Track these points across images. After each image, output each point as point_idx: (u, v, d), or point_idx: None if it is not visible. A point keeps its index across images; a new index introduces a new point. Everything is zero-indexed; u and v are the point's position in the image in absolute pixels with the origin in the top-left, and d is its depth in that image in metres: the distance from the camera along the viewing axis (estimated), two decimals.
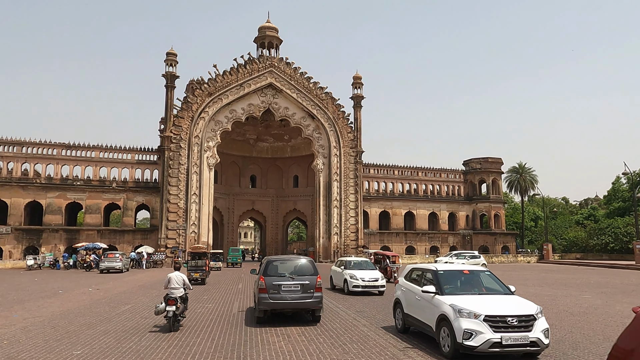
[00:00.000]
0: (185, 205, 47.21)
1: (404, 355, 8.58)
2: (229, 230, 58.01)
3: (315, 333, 10.52)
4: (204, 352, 8.71)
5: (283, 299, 11.22)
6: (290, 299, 11.27)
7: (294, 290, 11.36)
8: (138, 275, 29.66)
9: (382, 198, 60.48)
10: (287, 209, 60.20)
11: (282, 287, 11.29)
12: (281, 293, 11.24)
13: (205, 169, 49.46)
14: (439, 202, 63.51)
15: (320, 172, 54.27)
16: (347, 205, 53.89)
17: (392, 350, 8.90)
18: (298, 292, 11.35)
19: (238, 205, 58.98)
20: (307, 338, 9.95)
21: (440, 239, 63.05)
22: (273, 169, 61.31)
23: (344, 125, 54.97)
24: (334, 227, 53.05)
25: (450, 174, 65.34)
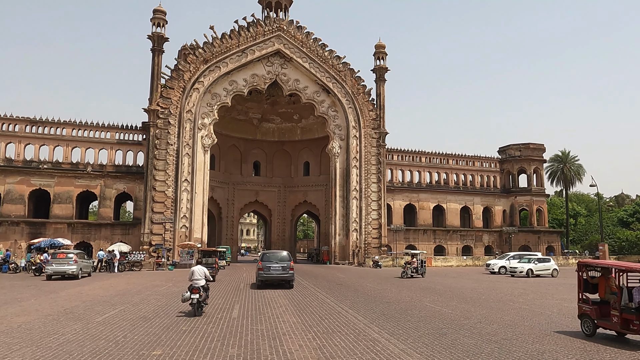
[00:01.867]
0: (174, 194, 39.41)
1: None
2: (228, 225, 50.19)
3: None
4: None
5: (271, 274, 20.17)
6: (276, 274, 20.22)
7: (278, 269, 20.26)
8: (100, 282, 21.90)
9: (407, 189, 52.48)
10: (296, 200, 52.30)
11: (271, 268, 20.22)
12: (270, 271, 20.15)
13: (200, 150, 41.61)
14: (472, 194, 55.47)
15: (337, 157, 46.32)
16: (368, 196, 45.95)
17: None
18: (280, 271, 20.25)
19: (239, 196, 51.13)
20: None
21: (474, 238, 55.04)
22: (280, 154, 53.38)
23: (364, 102, 47.00)
24: (353, 223, 45.14)
25: (485, 162, 57.24)
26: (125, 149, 42.66)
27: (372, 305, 14.23)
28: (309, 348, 8.63)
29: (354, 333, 9.91)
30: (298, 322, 11.48)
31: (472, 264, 44.82)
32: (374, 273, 31.29)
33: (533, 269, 28.46)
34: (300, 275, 28.53)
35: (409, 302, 15.17)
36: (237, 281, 24.00)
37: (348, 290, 18.76)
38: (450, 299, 16.33)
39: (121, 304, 14.25)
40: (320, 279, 25.21)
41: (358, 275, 28.77)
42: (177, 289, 18.80)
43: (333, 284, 22.11)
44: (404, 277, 25.99)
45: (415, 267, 26.44)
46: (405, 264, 26.78)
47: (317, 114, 46.42)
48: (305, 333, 10.00)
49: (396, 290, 19.42)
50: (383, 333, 9.95)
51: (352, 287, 20.48)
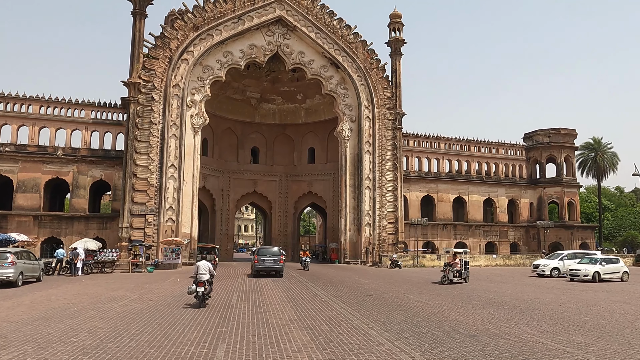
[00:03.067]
0: (158, 182, 33.84)
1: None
2: (222, 219, 44.62)
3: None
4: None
5: (265, 266, 24.68)
6: (268, 265, 24.72)
7: (270, 262, 24.78)
8: (36, 293, 16.07)
9: (424, 179, 46.97)
10: (299, 191, 46.73)
11: (265, 261, 24.77)
12: (264, 263, 24.69)
13: (189, 131, 36.02)
14: (495, 185, 49.98)
15: (347, 141, 40.74)
16: (382, 186, 40.41)
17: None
18: (272, 263, 24.76)
19: (235, 186, 45.55)
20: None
21: (498, 234, 49.60)
22: (281, 139, 47.77)
23: (378, 79, 41.38)
24: (366, 216, 39.62)
25: (510, 149, 51.73)
26: (102, 130, 37.05)
27: (455, 345, 8.59)
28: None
29: None
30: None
31: (502, 264, 39.37)
32: (400, 276, 25.84)
33: (600, 272, 22.95)
34: (311, 279, 23.06)
35: (505, 333, 9.59)
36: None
37: (390, 309, 13.16)
38: (557, 324, 10.79)
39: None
40: (338, 285, 19.73)
41: (382, 279, 23.32)
42: (140, 306, 13.21)
43: (359, 294, 16.63)
44: (444, 282, 20.49)
45: (458, 269, 20.92)
46: (445, 266, 21.25)
47: (325, 91, 40.79)
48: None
49: (458, 306, 13.92)
50: None
51: (391, 301, 14.97)
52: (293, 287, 19.13)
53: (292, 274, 26.73)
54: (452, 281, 20.92)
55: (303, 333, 9.47)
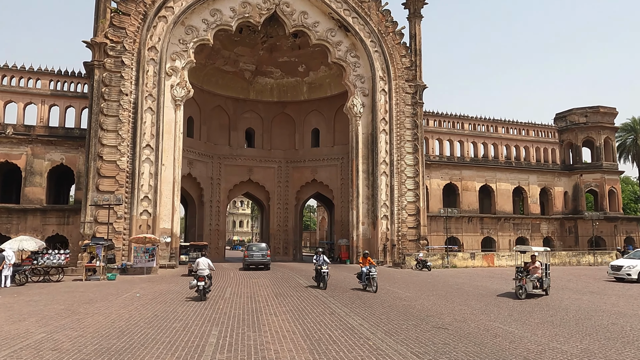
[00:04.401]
0: (130, 166, 27.71)
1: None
2: (212, 212, 38.45)
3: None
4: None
5: (254, 259, 27.22)
6: (257, 259, 27.24)
7: (259, 256, 27.34)
8: None
9: (446, 164, 40.99)
10: (302, 179, 40.60)
11: (254, 255, 27.36)
12: (253, 257, 27.26)
13: (169, 105, 29.84)
14: (526, 171, 44.07)
15: (358, 119, 34.63)
16: (401, 171, 34.34)
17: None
18: (260, 257, 27.31)
19: (227, 173, 39.38)
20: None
21: (530, 227, 43.73)
22: (281, 119, 41.57)
23: (395, 45, 35.22)
24: (382, 207, 33.58)
25: (541, 130, 45.72)
26: (63, 104, 30.84)
27: None
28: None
29: None
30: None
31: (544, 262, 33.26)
32: (441, 283, 19.91)
33: None
34: (332, 294, 16.96)
35: None
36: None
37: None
38: None
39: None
40: (378, 307, 13.53)
41: (423, 288, 17.43)
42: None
43: (414, 320, 10.63)
44: (520, 295, 14.42)
45: (538, 277, 14.83)
46: (519, 272, 15.14)
47: (332, 60, 34.61)
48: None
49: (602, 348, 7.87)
50: None
51: (481, 338, 8.86)
52: (306, 308, 13.08)
53: (302, 284, 20.66)
54: (531, 293, 14.83)
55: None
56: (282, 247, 40.59)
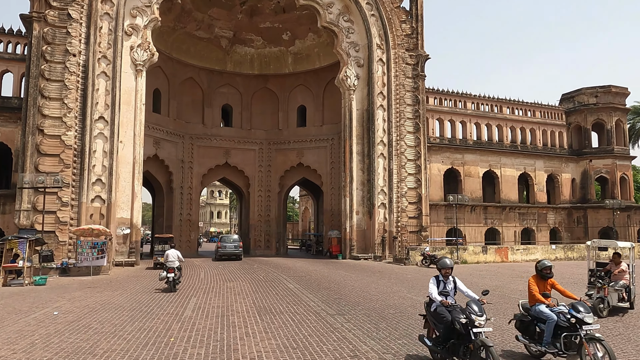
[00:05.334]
0: (79, 142, 22.98)
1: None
2: (183, 200, 33.72)
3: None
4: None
5: (226, 251, 28.38)
6: (229, 250, 28.38)
7: (231, 247, 28.53)
8: None
9: (447, 147, 37.08)
10: (286, 163, 36.11)
11: (226, 246, 28.61)
12: (226, 248, 28.49)
13: (128, 70, 25.04)
14: (532, 156, 40.51)
15: (352, 93, 30.31)
16: (401, 153, 30.22)
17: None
18: (232, 248, 28.51)
19: (200, 156, 34.65)
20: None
21: (537, 218, 40.25)
22: (262, 95, 36.94)
23: (394, 8, 30.97)
24: (379, 194, 29.45)
25: (548, 112, 42.12)
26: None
27: None
28: None
29: None
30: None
31: (563, 257, 29.68)
32: (471, 286, 15.54)
33: None
34: (326, 301, 12.66)
35: None
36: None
37: None
38: None
39: None
40: (400, 325, 9.31)
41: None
42: None
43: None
44: (602, 311, 10.29)
45: (625, 285, 10.74)
46: (597, 277, 11.02)
47: (322, 24, 30.13)
48: None
49: None
50: None
51: None
52: (313, 343, 8.78)
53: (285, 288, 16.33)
54: (614, 307, 10.72)
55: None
56: (263, 239, 36.15)
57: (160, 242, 25.12)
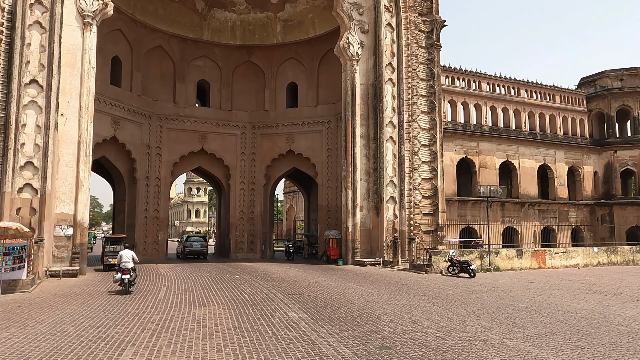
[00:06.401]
0: (2, 112, 17.36)
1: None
2: (150, 194, 28.21)
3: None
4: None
5: (192, 249, 29.60)
6: (195, 249, 29.66)
7: (197, 246, 29.85)
8: None
9: (460, 134, 32.40)
10: (274, 150, 30.85)
11: (193, 245, 29.79)
12: (192, 247, 29.63)
13: (72, 23, 19.66)
14: (553, 146, 36.16)
15: (355, 64, 25.31)
16: (414, 137, 25.35)
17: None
18: (198, 247, 29.79)
19: (171, 140, 29.18)
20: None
21: (557, 216, 35.81)
22: (246, 70, 31.61)
23: None
24: (388, 186, 24.52)
25: (568, 96, 37.74)
26: None
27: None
28: None
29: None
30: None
31: (606, 261, 25.09)
32: (557, 314, 11.03)
33: None
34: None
35: None
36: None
37: None
38: None
39: None
40: None
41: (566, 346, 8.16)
42: None
43: None
44: None
45: None
46: None
47: None
48: None
49: None
50: None
51: None
52: None
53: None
54: None
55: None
56: (246, 241, 30.83)
57: (112, 243, 22.24)
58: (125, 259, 13.79)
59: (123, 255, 13.95)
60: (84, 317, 9.89)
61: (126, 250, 14.48)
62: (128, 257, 13.86)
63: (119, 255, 14.14)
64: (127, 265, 13.66)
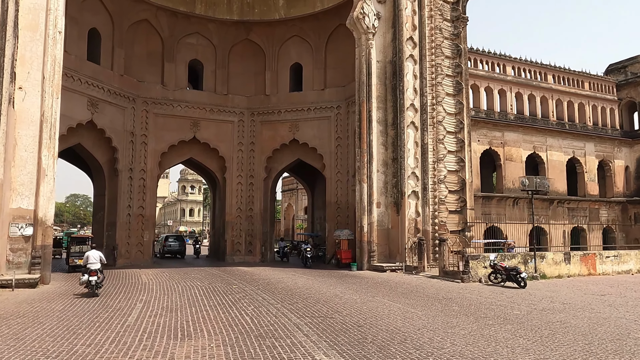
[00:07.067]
0: None
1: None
2: (134, 188, 24.78)
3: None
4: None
5: (171, 248, 32.13)
6: (174, 248, 32.17)
7: (175, 245, 32.32)
8: None
9: (484, 122, 29.13)
10: (276, 140, 27.47)
11: (171, 245, 32.31)
12: (170, 246, 32.16)
13: None
14: (582, 137, 32.96)
15: (371, 38, 22.03)
16: (438, 122, 22.08)
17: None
18: (176, 246, 32.35)
19: (158, 127, 25.77)
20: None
21: (588, 214, 32.55)
22: (243, 49, 28.20)
23: None
24: (409, 179, 21.21)
25: (596, 82, 34.53)
26: None
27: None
28: None
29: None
30: None
31: None
32: None
33: None
34: None
35: None
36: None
37: None
38: None
39: None
40: None
41: None
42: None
43: None
44: None
45: None
46: None
47: None
48: None
49: None
50: None
51: None
52: None
53: None
54: None
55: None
56: (244, 242, 27.41)
57: (78, 243, 21.46)
58: (92, 259, 13.27)
59: (90, 256, 13.42)
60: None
61: (93, 250, 13.90)
62: (95, 258, 13.34)
63: (86, 256, 13.63)
64: (94, 267, 13.15)
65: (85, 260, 13.42)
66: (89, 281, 12.91)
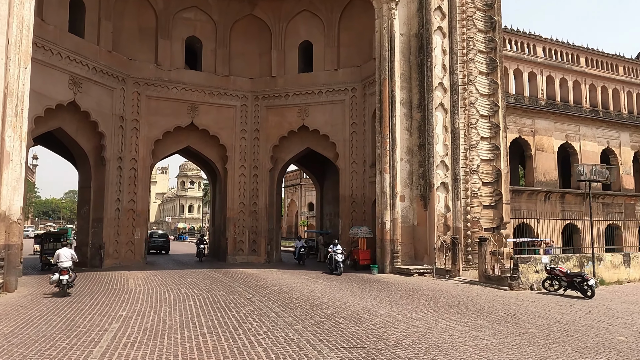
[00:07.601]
0: None
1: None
2: (123, 179, 22.09)
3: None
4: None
5: (156, 244, 33.78)
6: (158, 244, 34.17)
7: (160, 241, 34.64)
8: None
9: (513, 107, 26.29)
10: (283, 126, 24.71)
11: (155, 241, 33.82)
12: (155, 243, 33.61)
13: None
14: (617, 126, 30.26)
15: (393, 7, 19.53)
16: (470, 103, 19.34)
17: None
18: (161, 242, 34.79)
19: (151, 112, 23.05)
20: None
21: (623, 210, 29.81)
22: (247, 26, 25.44)
23: None
24: (438, 169, 18.45)
25: (631, 66, 31.78)
26: None
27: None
28: None
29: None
30: None
31: None
32: None
33: None
34: None
35: None
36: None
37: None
38: None
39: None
40: None
41: None
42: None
43: None
44: None
45: None
46: None
47: None
48: None
49: None
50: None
51: None
52: None
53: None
54: None
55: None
56: (247, 240, 24.68)
57: (53, 240, 20.98)
58: (63, 257, 12.94)
59: (60, 254, 13.10)
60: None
61: (64, 248, 13.78)
62: (66, 256, 13.01)
63: (56, 254, 13.28)
64: (65, 265, 12.78)
65: (56, 259, 13.04)
66: (59, 280, 12.49)
